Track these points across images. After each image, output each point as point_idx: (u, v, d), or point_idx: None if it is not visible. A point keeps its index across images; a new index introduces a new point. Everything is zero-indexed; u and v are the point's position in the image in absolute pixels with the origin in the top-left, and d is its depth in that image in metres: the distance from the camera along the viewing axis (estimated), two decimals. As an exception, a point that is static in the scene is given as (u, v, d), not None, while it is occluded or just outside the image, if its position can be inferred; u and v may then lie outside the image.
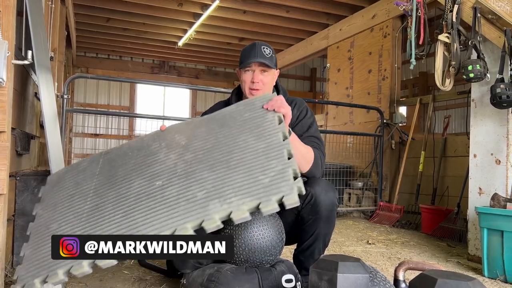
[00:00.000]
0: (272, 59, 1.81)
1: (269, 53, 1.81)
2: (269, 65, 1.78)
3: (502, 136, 2.72)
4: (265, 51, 1.80)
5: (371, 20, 5.48)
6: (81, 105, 8.72)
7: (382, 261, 2.74)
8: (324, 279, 1.12)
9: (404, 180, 4.59)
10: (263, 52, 1.79)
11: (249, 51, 1.81)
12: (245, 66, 1.80)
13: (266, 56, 1.79)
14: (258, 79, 1.79)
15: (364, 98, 5.50)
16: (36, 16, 2.08)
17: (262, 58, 1.77)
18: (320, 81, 10.36)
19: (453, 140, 4.25)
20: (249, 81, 1.81)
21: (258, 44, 1.82)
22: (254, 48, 1.80)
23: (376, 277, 1.30)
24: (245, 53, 1.83)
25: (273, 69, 1.83)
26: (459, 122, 8.14)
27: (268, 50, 1.81)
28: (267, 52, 1.80)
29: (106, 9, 6.14)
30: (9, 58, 1.48)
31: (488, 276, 2.45)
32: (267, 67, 1.80)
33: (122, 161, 1.62)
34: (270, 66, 1.79)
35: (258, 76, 1.79)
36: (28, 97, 2.44)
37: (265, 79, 1.81)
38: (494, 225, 2.42)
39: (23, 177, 2.26)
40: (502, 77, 2.57)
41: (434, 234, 3.74)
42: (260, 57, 1.77)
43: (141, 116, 4.95)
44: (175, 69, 9.74)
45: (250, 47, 1.83)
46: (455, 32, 2.79)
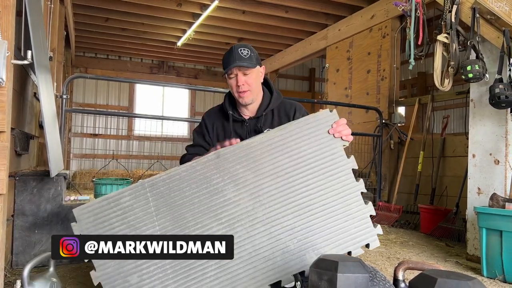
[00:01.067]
0: (251, 59, 1.80)
1: (247, 54, 1.80)
2: (247, 66, 1.79)
3: (500, 136, 2.73)
4: (243, 53, 1.80)
5: (370, 21, 5.49)
6: (80, 105, 8.71)
7: (381, 261, 2.75)
8: (324, 279, 1.12)
9: (403, 180, 4.60)
10: (241, 54, 1.79)
11: (228, 57, 1.81)
12: (227, 72, 1.81)
13: (244, 57, 1.79)
14: (242, 81, 1.80)
15: (363, 98, 5.50)
16: (35, 16, 2.08)
17: (240, 61, 1.78)
18: (319, 81, 10.36)
19: (452, 140, 4.26)
20: (235, 85, 1.82)
21: (235, 48, 1.82)
22: (232, 53, 1.80)
23: (376, 276, 1.30)
24: (224, 59, 1.83)
25: (254, 68, 1.82)
26: (458, 122, 8.14)
27: (245, 50, 1.81)
28: (244, 53, 1.80)
29: (105, 9, 6.13)
30: (8, 58, 1.47)
31: (487, 276, 2.45)
32: (247, 68, 1.79)
33: (181, 199, 1.46)
34: (250, 66, 1.79)
35: (241, 78, 1.80)
36: (27, 97, 2.44)
37: (249, 79, 1.81)
38: (493, 225, 2.42)
39: (22, 177, 2.26)
40: (500, 77, 2.58)
41: (433, 234, 3.75)
42: (238, 60, 1.78)
43: (140, 116, 4.97)
44: (174, 69, 9.73)
45: (228, 52, 1.83)
46: (454, 33, 2.79)
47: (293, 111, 1.90)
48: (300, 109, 1.93)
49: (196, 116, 9.64)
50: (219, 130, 1.93)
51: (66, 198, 2.48)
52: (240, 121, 1.90)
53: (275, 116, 1.91)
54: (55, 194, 2.33)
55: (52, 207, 2.31)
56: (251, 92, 1.83)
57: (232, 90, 1.85)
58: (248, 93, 1.82)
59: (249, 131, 1.89)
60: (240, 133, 1.89)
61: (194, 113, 9.81)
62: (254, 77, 1.83)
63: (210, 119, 1.96)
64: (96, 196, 4.14)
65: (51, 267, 1.69)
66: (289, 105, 1.94)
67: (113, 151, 8.28)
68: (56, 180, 2.32)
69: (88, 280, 2.07)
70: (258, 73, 1.86)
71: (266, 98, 1.91)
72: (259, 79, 1.87)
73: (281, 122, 1.88)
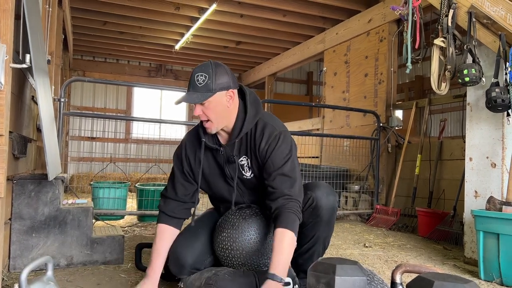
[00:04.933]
0: (207, 87, 1.60)
1: (204, 81, 1.61)
2: (195, 100, 1.60)
3: (497, 139, 2.74)
4: (198, 80, 1.62)
5: (367, 24, 5.51)
6: (77, 108, 8.70)
7: (379, 264, 2.75)
8: (322, 282, 1.13)
9: (400, 183, 4.61)
10: (196, 83, 1.62)
11: (188, 83, 1.65)
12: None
13: (198, 85, 1.61)
14: (198, 112, 1.65)
15: (361, 102, 5.52)
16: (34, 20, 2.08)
17: (194, 90, 1.61)
18: (316, 84, 10.39)
19: (449, 143, 4.27)
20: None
21: (194, 72, 1.65)
22: (191, 79, 1.64)
23: (373, 280, 1.31)
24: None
25: (209, 98, 1.61)
26: (455, 125, 8.19)
27: (202, 77, 1.61)
28: (200, 80, 1.61)
29: (103, 13, 6.14)
30: (7, 62, 1.48)
31: (484, 279, 2.46)
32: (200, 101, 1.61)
33: None
34: (196, 102, 1.61)
35: (197, 109, 1.64)
36: (25, 101, 2.44)
37: (207, 110, 1.64)
38: (490, 228, 2.43)
39: (20, 181, 2.26)
40: (497, 81, 2.60)
41: (430, 237, 3.76)
42: (192, 90, 1.62)
43: (138, 119, 4.95)
44: (172, 72, 9.74)
45: (190, 77, 1.66)
46: (450, 37, 2.81)
47: (260, 141, 1.69)
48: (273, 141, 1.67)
49: (193, 119, 9.65)
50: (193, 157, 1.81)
51: (64, 202, 2.48)
52: (215, 149, 1.77)
53: (249, 142, 1.73)
54: (53, 198, 2.32)
55: (50, 211, 2.31)
56: (212, 123, 1.67)
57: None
58: (209, 123, 1.67)
59: (225, 160, 1.77)
60: (218, 160, 1.79)
61: (192, 116, 9.81)
62: (213, 106, 1.64)
63: (191, 143, 1.83)
64: (93, 199, 4.13)
65: (48, 271, 1.68)
66: (260, 130, 1.71)
67: (111, 154, 8.26)
68: (54, 184, 2.31)
69: (86, 284, 2.07)
70: (221, 99, 1.65)
71: (239, 122, 1.71)
72: (221, 106, 1.66)
73: (246, 150, 1.73)
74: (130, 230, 3.69)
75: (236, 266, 1.66)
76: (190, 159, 1.82)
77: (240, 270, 1.64)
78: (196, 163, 1.80)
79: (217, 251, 1.74)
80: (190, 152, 1.82)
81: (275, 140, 1.68)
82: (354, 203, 4.93)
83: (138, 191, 4.34)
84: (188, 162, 1.82)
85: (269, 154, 1.67)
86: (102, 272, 2.29)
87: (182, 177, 1.83)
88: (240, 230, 1.63)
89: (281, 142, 1.68)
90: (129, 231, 3.66)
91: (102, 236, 2.45)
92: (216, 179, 1.83)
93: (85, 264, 2.39)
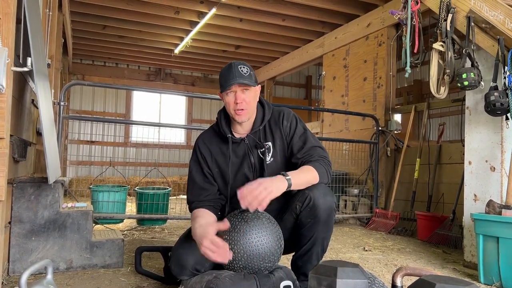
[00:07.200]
0: (251, 77, 1.80)
1: (247, 72, 1.79)
2: (248, 83, 1.78)
3: (496, 143, 2.75)
4: (243, 70, 1.79)
5: (366, 29, 5.54)
6: (77, 112, 8.69)
7: (379, 268, 2.75)
8: (324, 285, 1.13)
9: (399, 187, 4.62)
10: (241, 72, 1.78)
11: (227, 74, 1.79)
12: (226, 89, 1.78)
13: (244, 75, 1.77)
14: (241, 99, 1.78)
15: (360, 106, 5.54)
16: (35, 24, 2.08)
17: (241, 78, 1.76)
18: (315, 88, 10.41)
19: (448, 147, 4.28)
20: (232, 102, 1.79)
21: (235, 65, 1.80)
22: (232, 69, 1.78)
23: (374, 283, 1.31)
24: (223, 76, 1.81)
25: (254, 86, 1.81)
26: (454, 129, 8.22)
27: (245, 68, 1.80)
28: (244, 71, 1.78)
29: (102, 17, 6.15)
30: (8, 65, 1.48)
31: (484, 283, 2.46)
32: (247, 86, 1.79)
33: None
34: (250, 84, 1.78)
35: (240, 96, 1.78)
36: (25, 104, 2.44)
37: (247, 98, 1.80)
38: (490, 232, 2.44)
39: (20, 184, 2.26)
40: (496, 85, 2.61)
41: (430, 240, 3.76)
42: (238, 77, 1.76)
43: (137, 123, 4.95)
44: (171, 76, 9.75)
45: (227, 69, 1.81)
46: (449, 41, 2.82)
47: (281, 120, 1.91)
48: (287, 115, 1.93)
49: (193, 123, 9.65)
50: (218, 155, 1.91)
51: (64, 205, 2.48)
52: (238, 142, 1.89)
53: (267, 129, 1.91)
54: (53, 201, 2.32)
55: (49, 214, 2.31)
56: (247, 111, 1.82)
57: (229, 106, 1.82)
58: (245, 111, 1.81)
59: (249, 148, 1.88)
60: (239, 152, 1.89)
61: (191, 120, 9.81)
62: (252, 95, 1.82)
63: (205, 146, 1.93)
64: (93, 203, 4.13)
65: (48, 275, 1.68)
66: (277, 113, 1.94)
67: (110, 158, 8.25)
68: (53, 187, 2.31)
69: (85, 287, 2.06)
70: (255, 92, 1.85)
71: (259, 113, 1.91)
72: (256, 98, 1.87)
73: (272, 133, 1.90)
74: (129, 234, 3.69)
75: (237, 269, 1.66)
76: (209, 160, 1.92)
77: (241, 273, 1.64)
78: (213, 161, 1.91)
79: None
80: (207, 153, 1.92)
81: (294, 119, 1.92)
82: (353, 206, 4.93)
83: (138, 195, 4.34)
84: (208, 161, 1.91)
85: (293, 131, 1.89)
86: (102, 276, 2.28)
87: (204, 180, 1.89)
88: (242, 233, 1.63)
89: (300, 122, 1.93)
90: (128, 234, 3.65)
91: (102, 240, 2.45)
92: (234, 172, 1.89)
93: (84, 267, 2.38)
